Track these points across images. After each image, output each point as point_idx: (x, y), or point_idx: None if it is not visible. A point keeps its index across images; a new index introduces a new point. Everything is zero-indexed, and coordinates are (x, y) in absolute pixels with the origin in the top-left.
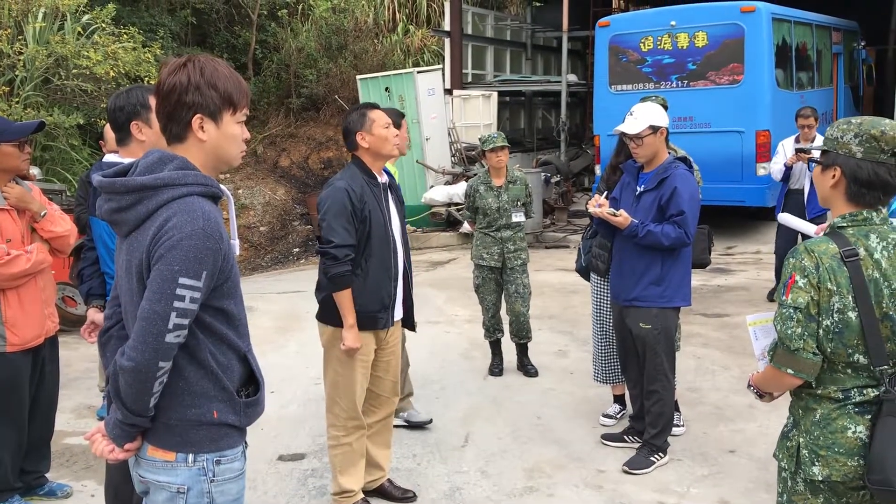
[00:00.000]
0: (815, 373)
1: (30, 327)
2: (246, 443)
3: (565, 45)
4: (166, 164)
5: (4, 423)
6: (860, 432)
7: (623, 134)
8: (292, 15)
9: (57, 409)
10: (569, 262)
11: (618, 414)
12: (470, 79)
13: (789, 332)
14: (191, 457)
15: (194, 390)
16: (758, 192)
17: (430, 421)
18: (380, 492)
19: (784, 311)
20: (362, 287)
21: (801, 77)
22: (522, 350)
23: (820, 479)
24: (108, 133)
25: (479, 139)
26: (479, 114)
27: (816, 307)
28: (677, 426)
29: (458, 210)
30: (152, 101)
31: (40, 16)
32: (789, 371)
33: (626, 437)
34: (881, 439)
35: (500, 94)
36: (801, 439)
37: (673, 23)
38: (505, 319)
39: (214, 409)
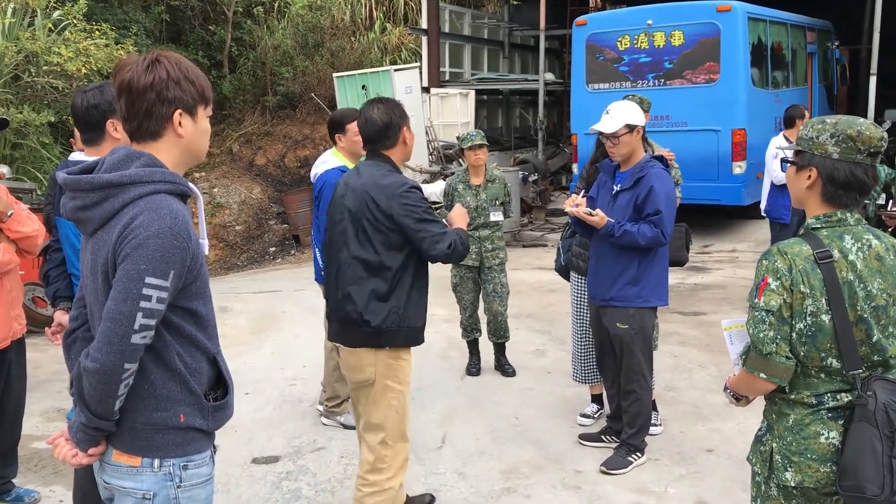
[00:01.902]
0: (788, 377)
1: None
2: (215, 447)
3: (542, 44)
4: (133, 161)
5: None
6: (833, 438)
7: (599, 133)
8: (268, 12)
9: (25, 413)
10: (546, 260)
11: (595, 413)
12: (447, 77)
13: (761, 335)
14: (157, 462)
15: (160, 393)
16: (733, 190)
17: None
18: None
19: (756, 314)
20: (419, 301)
21: (777, 76)
22: (500, 350)
23: (793, 484)
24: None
25: (458, 137)
26: (456, 112)
27: (789, 310)
28: (655, 425)
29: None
30: None
31: (9, 11)
32: (762, 375)
33: (603, 436)
34: (853, 445)
35: (478, 92)
36: (775, 444)
37: (649, 22)
38: (483, 319)
39: (181, 412)
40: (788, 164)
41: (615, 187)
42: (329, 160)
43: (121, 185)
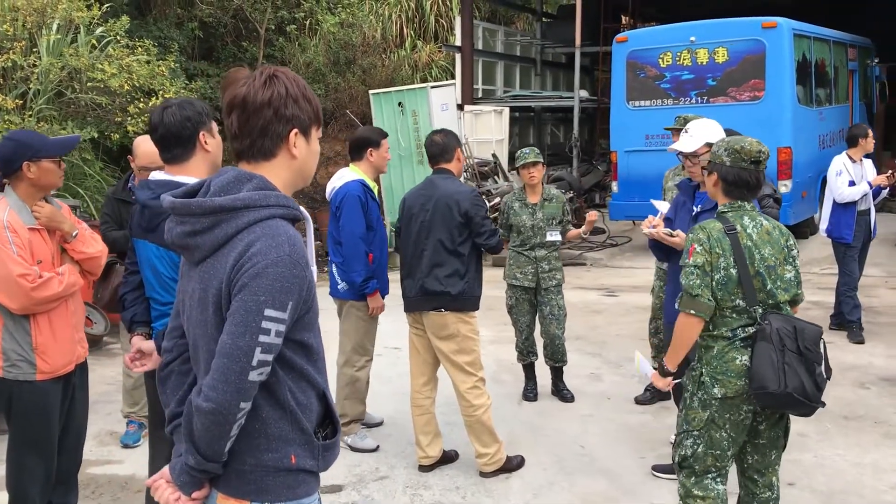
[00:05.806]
0: (709, 313)
1: (60, 354)
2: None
3: (578, 61)
4: (244, 183)
5: (33, 454)
6: (745, 360)
7: (678, 153)
8: (300, 30)
9: None
10: (587, 280)
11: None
12: (480, 94)
13: (691, 282)
14: None
15: (271, 432)
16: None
17: (382, 422)
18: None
19: (688, 269)
20: (478, 278)
21: (820, 94)
22: (557, 374)
23: (719, 396)
24: (142, 148)
25: (516, 155)
26: (490, 129)
27: (710, 266)
28: None
29: None
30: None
31: (54, 28)
32: (692, 311)
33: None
34: (757, 359)
35: (510, 109)
36: (704, 369)
37: (692, 38)
38: (539, 342)
39: (292, 452)
40: (706, 172)
41: (695, 208)
42: (347, 175)
43: (234, 210)
